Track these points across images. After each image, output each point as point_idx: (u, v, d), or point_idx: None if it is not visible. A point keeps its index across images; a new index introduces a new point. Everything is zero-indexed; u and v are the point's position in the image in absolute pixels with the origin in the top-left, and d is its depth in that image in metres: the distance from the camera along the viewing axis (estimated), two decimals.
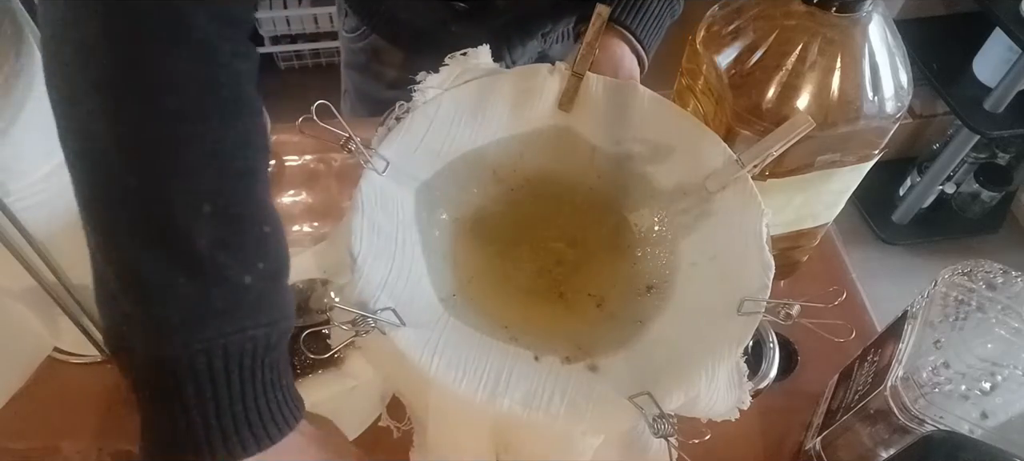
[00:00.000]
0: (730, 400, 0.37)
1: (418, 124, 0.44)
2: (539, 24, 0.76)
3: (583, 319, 0.44)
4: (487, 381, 0.36)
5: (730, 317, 0.39)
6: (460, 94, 0.46)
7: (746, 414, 0.37)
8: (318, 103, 0.38)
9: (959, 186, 1.77)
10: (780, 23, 0.45)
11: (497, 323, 0.41)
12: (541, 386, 0.37)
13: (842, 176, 0.51)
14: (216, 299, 0.32)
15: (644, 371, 0.38)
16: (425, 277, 0.42)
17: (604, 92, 0.46)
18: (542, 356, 0.39)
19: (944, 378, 0.41)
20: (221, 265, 0.32)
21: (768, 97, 0.45)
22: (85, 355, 0.57)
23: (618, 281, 0.45)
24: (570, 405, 0.36)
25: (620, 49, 0.60)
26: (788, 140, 0.42)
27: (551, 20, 0.77)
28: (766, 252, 0.40)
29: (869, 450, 0.46)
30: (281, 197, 0.69)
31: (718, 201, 0.43)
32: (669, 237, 0.45)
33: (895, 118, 0.46)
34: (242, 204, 0.34)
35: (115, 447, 0.53)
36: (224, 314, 0.32)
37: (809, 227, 0.56)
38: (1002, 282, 0.44)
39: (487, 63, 0.46)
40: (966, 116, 1.48)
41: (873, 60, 0.45)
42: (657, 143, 0.46)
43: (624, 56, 0.59)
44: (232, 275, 0.32)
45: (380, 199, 0.41)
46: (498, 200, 0.48)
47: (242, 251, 0.33)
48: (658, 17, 0.62)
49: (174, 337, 0.31)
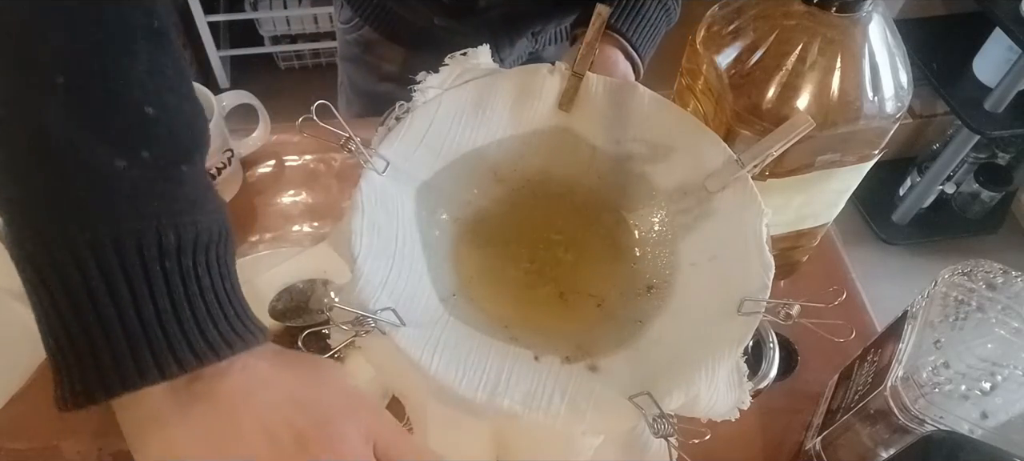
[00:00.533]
0: (730, 400, 0.37)
1: (418, 124, 0.44)
2: (528, 23, 0.76)
3: (583, 319, 0.44)
4: (487, 381, 0.36)
5: (730, 317, 0.39)
6: (460, 94, 0.46)
7: (746, 414, 0.37)
8: (318, 103, 0.38)
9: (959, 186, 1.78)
10: (780, 23, 0.45)
11: (497, 323, 0.41)
12: (541, 386, 0.37)
13: (842, 176, 0.51)
14: (78, 188, 0.27)
15: (644, 371, 0.38)
16: (425, 277, 0.42)
17: (604, 92, 0.46)
18: (542, 356, 0.39)
19: (944, 378, 0.41)
20: (78, 148, 0.27)
21: (768, 97, 0.45)
22: None
23: (618, 281, 0.45)
24: (570, 405, 0.36)
25: (615, 55, 0.60)
26: (788, 140, 0.42)
27: (541, 20, 0.77)
28: (766, 252, 0.40)
29: (869, 450, 0.46)
30: (281, 197, 0.69)
31: (718, 201, 0.43)
32: (669, 237, 0.45)
33: (895, 118, 0.46)
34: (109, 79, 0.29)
35: (115, 447, 0.53)
36: (87, 205, 0.27)
37: (809, 227, 0.56)
38: (1002, 282, 0.44)
39: (487, 63, 0.46)
40: (966, 116, 1.48)
41: (873, 60, 0.45)
42: (657, 143, 0.46)
43: (618, 62, 0.60)
44: (95, 161, 0.28)
45: (380, 199, 0.41)
46: (498, 200, 0.48)
47: (109, 133, 0.28)
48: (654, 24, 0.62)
49: (39, 237, 0.27)
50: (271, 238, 0.66)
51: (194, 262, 0.30)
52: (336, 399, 0.34)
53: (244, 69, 1.96)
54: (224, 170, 0.64)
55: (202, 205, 0.31)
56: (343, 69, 0.89)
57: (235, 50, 1.90)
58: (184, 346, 0.28)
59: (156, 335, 0.28)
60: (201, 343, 0.29)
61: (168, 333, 0.28)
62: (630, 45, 0.60)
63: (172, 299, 0.28)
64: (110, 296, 0.27)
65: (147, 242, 0.28)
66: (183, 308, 0.29)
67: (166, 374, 0.28)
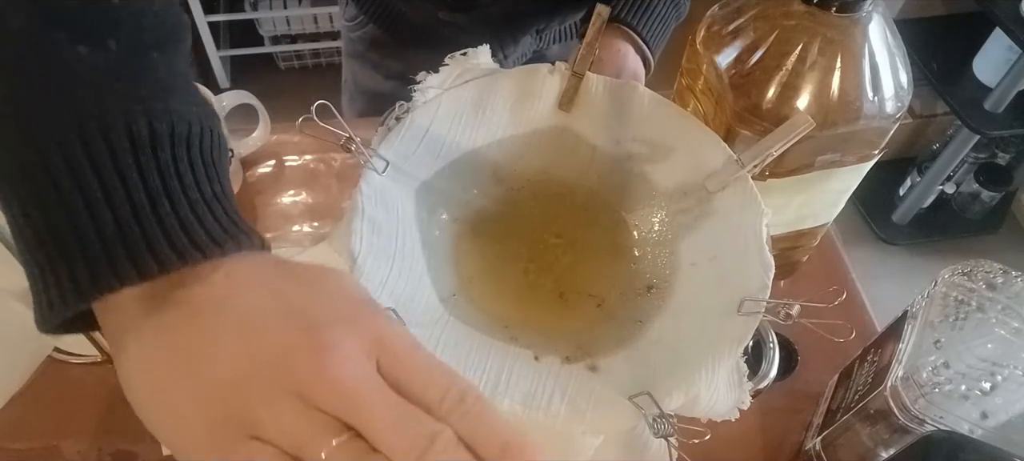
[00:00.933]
0: (730, 400, 0.37)
1: (418, 124, 0.44)
2: (532, 20, 0.76)
3: (583, 319, 0.44)
4: (487, 381, 0.36)
5: (730, 317, 0.39)
6: (460, 94, 0.46)
7: (746, 414, 0.37)
8: (318, 103, 0.38)
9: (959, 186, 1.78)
10: (780, 23, 0.45)
11: (497, 323, 0.41)
12: (541, 386, 0.37)
13: (842, 176, 0.51)
14: (39, 82, 0.26)
15: (644, 371, 0.38)
16: (425, 277, 0.42)
17: (604, 92, 0.46)
18: (542, 356, 0.39)
19: (944, 378, 0.41)
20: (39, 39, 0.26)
21: (768, 97, 0.45)
22: (85, 355, 0.57)
23: (618, 281, 0.45)
24: (570, 405, 0.36)
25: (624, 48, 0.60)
26: (788, 140, 0.42)
27: (545, 17, 0.77)
28: (766, 252, 0.40)
29: (869, 450, 0.46)
30: (281, 197, 0.69)
31: (718, 201, 0.43)
32: (669, 237, 0.45)
33: (895, 118, 0.46)
34: None
35: (115, 447, 0.53)
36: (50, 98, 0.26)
37: (809, 227, 0.56)
38: (1002, 282, 0.44)
39: (487, 63, 0.46)
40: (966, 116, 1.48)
41: (873, 60, 0.45)
42: (657, 143, 0.46)
43: (628, 55, 0.59)
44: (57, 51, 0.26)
45: (380, 199, 0.41)
46: (498, 200, 0.48)
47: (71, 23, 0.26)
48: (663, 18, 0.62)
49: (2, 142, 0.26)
50: (271, 238, 0.66)
51: (174, 157, 0.27)
52: (335, 306, 0.28)
53: (244, 69, 1.96)
54: None
55: (177, 95, 0.28)
56: (347, 67, 0.89)
57: (235, 50, 1.90)
58: (163, 243, 0.26)
59: (133, 232, 0.25)
60: (183, 240, 0.26)
61: (146, 230, 0.26)
62: (640, 39, 0.60)
63: (149, 195, 0.26)
64: (80, 192, 0.25)
65: (116, 133, 0.26)
66: (162, 203, 0.26)
67: (143, 273, 0.25)
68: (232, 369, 0.25)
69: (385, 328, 0.28)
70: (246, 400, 0.25)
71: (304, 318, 0.27)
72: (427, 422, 0.25)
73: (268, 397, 0.25)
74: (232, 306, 0.27)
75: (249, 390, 0.25)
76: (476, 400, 0.26)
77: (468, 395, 0.26)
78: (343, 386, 0.25)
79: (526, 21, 0.76)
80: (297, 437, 0.24)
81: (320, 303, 0.28)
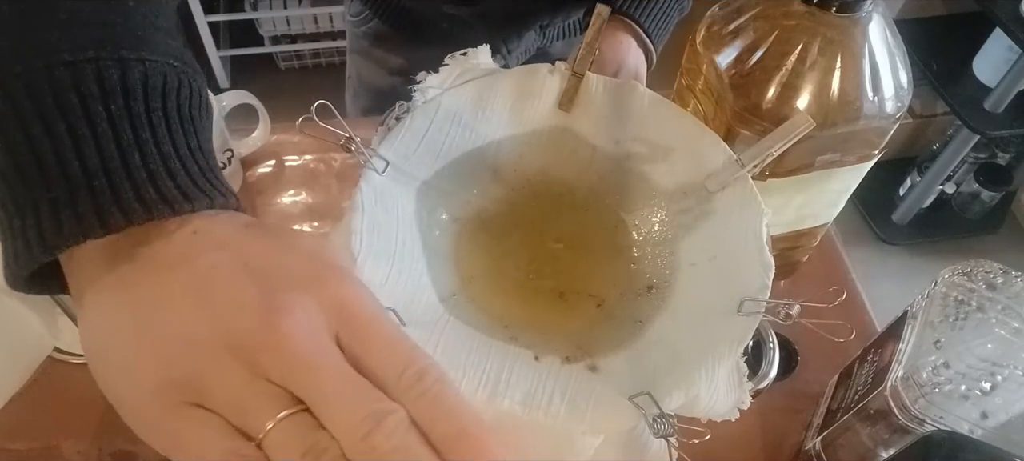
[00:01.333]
0: (730, 400, 0.37)
1: (418, 124, 0.44)
2: (535, 17, 0.76)
3: (583, 319, 0.44)
4: (487, 381, 0.36)
5: (730, 317, 0.39)
6: (460, 94, 0.46)
7: (746, 414, 0.37)
8: (318, 103, 0.38)
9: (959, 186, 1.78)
10: (780, 23, 0.45)
11: (497, 323, 0.41)
12: (541, 386, 0.37)
13: (842, 176, 0.51)
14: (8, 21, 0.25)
15: (644, 371, 0.38)
16: (425, 276, 0.42)
17: (604, 92, 0.47)
18: (542, 356, 0.39)
19: (944, 378, 0.41)
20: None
21: (768, 97, 0.45)
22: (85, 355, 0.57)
23: (618, 281, 0.45)
24: (570, 405, 0.36)
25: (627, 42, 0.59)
26: (788, 140, 0.42)
27: (548, 12, 0.77)
28: (766, 252, 0.40)
29: (869, 450, 0.46)
30: (281, 197, 0.69)
31: (718, 201, 0.43)
32: (669, 237, 0.45)
33: (895, 118, 0.46)
34: None
35: (115, 447, 0.53)
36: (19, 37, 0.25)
37: (809, 227, 0.56)
38: (1002, 282, 0.44)
39: (487, 63, 0.46)
40: (966, 116, 1.48)
41: (873, 60, 0.45)
42: (657, 143, 0.46)
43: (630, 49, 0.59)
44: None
45: (380, 199, 0.41)
46: (498, 200, 0.48)
47: None
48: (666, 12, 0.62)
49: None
50: None
51: (147, 109, 0.26)
52: (299, 266, 0.27)
53: (244, 69, 1.96)
54: (224, 170, 0.64)
55: (152, 47, 0.27)
56: (351, 63, 0.90)
57: (235, 50, 1.90)
58: (130, 194, 0.25)
59: (100, 183, 0.24)
60: (151, 193, 0.25)
61: (113, 180, 0.25)
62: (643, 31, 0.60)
63: (119, 145, 0.25)
64: (48, 136, 0.24)
65: (86, 78, 0.25)
66: (132, 155, 0.25)
67: (108, 224, 0.24)
68: (183, 327, 0.24)
69: (350, 296, 0.26)
70: (194, 361, 0.24)
71: (263, 279, 0.25)
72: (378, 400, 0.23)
73: (215, 360, 0.24)
74: (192, 264, 0.25)
75: (198, 351, 0.24)
76: (436, 381, 0.25)
77: (428, 375, 0.24)
78: (291, 351, 0.24)
79: (529, 17, 0.76)
80: (242, 406, 0.23)
81: (284, 265, 0.26)
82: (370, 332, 0.25)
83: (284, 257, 0.27)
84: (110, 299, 0.26)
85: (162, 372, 0.24)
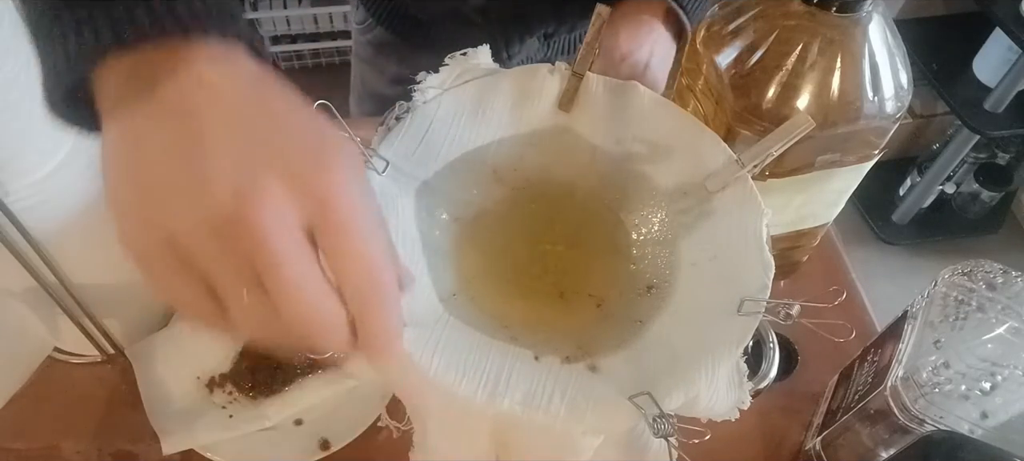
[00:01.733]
0: (730, 400, 0.37)
1: (418, 124, 0.44)
2: (539, 21, 0.76)
3: (583, 319, 0.44)
4: (487, 381, 0.36)
5: (730, 317, 0.39)
6: (460, 94, 0.46)
7: (746, 414, 0.37)
8: (318, 103, 0.38)
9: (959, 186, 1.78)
10: (780, 23, 0.45)
11: (497, 323, 0.41)
12: (541, 386, 0.37)
13: (842, 176, 0.51)
14: None
15: (644, 371, 0.38)
16: (425, 276, 0.42)
17: (604, 92, 0.47)
18: (542, 356, 0.39)
19: (944, 378, 0.41)
20: None
21: (768, 97, 0.45)
22: (85, 355, 0.57)
23: (618, 281, 0.45)
24: (570, 405, 0.36)
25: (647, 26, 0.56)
26: (788, 140, 0.42)
27: (553, 20, 0.77)
28: (766, 252, 0.40)
29: (869, 450, 0.46)
30: None
31: (718, 201, 0.43)
32: (669, 237, 0.45)
33: (895, 118, 0.46)
34: None
35: (115, 447, 0.53)
36: None
37: (809, 227, 0.56)
38: (1002, 282, 0.44)
39: (487, 63, 0.46)
40: (966, 116, 1.48)
41: (873, 60, 0.45)
42: (657, 143, 0.46)
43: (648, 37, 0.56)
44: None
45: (380, 199, 0.41)
46: (498, 200, 0.48)
47: None
48: None
49: None
50: None
51: None
52: (292, 143, 0.26)
53: None
54: None
55: None
56: (356, 68, 0.90)
57: None
58: (143, 14, 0.25)
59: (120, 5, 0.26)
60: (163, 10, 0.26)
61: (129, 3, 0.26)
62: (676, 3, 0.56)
63: None
64: None
65: None
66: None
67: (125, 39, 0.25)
68: (164, 180, 0.25)
69: (334, 191, 0.26)
70: (172, 217, 0.25)
71: (250, 153, 0.25)
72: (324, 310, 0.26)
73: (188, 221, 0.25)
74: (186, 122, 0.25)
75: (175, 207, 0.25)
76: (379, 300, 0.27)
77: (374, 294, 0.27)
78: (257, 239, 0.24)
79: (532, 19, 0.76)
80: (211, 271, 0.25)
81: (277, 140, 0.26)
82: (338, 238, 0.26)
83: (280, 130, 0.26)
84: (118, 131, 0.27)
85: (145, 213, 0.26)
